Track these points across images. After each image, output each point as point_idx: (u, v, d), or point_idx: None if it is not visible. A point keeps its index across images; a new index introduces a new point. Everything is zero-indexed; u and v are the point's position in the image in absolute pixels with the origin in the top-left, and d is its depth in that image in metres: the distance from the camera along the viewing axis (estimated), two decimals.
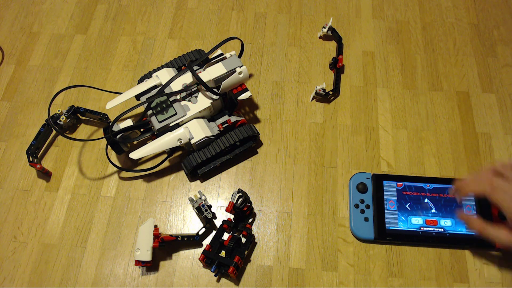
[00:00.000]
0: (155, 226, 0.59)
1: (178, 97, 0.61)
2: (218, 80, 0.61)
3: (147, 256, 0.55)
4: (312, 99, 0.68)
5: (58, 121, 0.65)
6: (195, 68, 0.64)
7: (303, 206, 0.61)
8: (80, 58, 0.74)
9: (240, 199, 0.57)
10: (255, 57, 0.73)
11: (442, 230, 0.57)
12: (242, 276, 0.57)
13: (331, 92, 0.67)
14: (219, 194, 0.63)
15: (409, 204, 0.59)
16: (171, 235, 0.56)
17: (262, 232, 0.59)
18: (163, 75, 0.63)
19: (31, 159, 0.62)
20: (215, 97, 0.61)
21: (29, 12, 0.80)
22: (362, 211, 0.59)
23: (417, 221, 0.58)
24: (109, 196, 0.63)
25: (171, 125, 0.60)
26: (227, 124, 0.62)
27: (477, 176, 0.51)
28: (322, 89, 0.67)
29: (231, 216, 0.60)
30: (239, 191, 0.58)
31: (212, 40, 0.75)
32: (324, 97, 0.68)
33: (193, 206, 0.57)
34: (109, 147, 0.61)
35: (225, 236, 0.58)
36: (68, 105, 0.67)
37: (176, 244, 0.59)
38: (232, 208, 0.56)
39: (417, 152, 0.64)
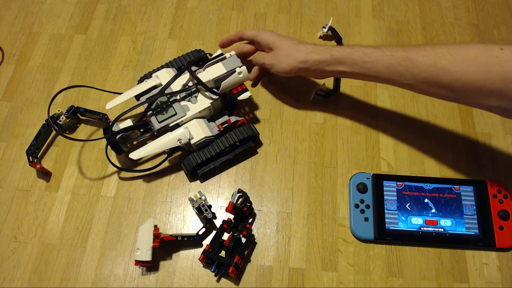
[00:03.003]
0: (155, 226, 0.59)
1: (178, 97, 0.61)
2: (218, 80, 0.61)
3: (147, 256, 0.55)
4: (312, 99, 0.68)
5: (58, 121, 0.65)
6: (194, 68, 0.64)
7: (303, 206, 0.61)
8: (80, 58, 0.74)
9: (240, 199, 0.57)
10: None
11: (442, 230, 0.57)
12: (242, 276, 0.57)
13: (331, 92, 0.67)
14: (219, 194, 0.63)
15: (409, 204, 0.59)
16: (171, 235, 0.56)
17: (262, 232, 0.59)
18: (163, 75, 0.63)
19: (31, 159, 0.62)
20: (214, 97, 0.61)
21: (29, 12, 0.80)
22: (362, 211, 0.59)
23: (417, 221, 0.58)
24: (109, 196, 0.63)
25: (171, 125, 0.60)
26: (227, 124, 0.62)
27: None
28: (322, 89, 0.67)
29: (231, 216, 0.60)
30: (239, 191, 0.58)
31: (212, 40, 0.75)
32: (324, 97, 0.68)
33: (193, 206, 0.57)
34: (109, 147, 0.61)
35: (225, 236, 0.58)
36: (68, 105, 0.67)
37: (176, 244, 0.59)
38: (232, 208, 0.56)
39: (417, 152, 0.64)
